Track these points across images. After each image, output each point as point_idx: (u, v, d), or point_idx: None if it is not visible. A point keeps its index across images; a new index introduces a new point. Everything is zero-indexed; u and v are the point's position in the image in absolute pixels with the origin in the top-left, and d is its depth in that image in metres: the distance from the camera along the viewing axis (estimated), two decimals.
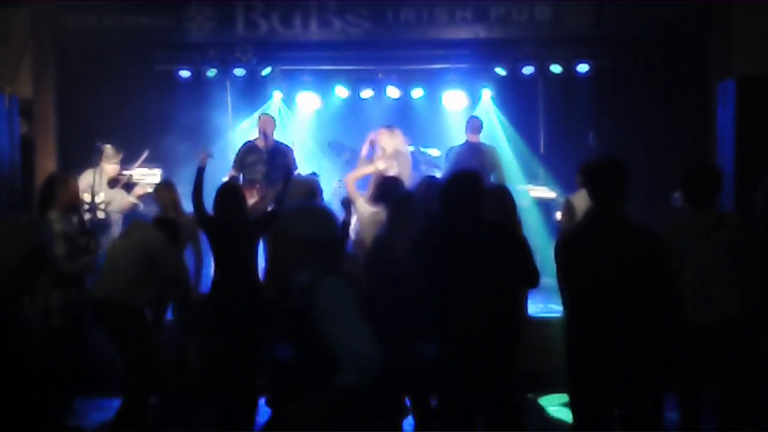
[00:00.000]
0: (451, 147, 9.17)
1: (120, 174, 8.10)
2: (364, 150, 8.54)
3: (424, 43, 9.39)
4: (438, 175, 8.32)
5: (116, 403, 5.97)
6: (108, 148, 7.96)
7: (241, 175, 8.44)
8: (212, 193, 6.12)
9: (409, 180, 8.27)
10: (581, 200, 6.45)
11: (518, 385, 5.13)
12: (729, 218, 4.98)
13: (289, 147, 8.62)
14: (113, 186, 8.04)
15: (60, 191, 6.12)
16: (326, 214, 3.27)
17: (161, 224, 6.15)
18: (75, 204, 6.36)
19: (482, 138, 9.34)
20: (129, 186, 8.16)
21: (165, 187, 7.29)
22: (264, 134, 8.43)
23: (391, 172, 8.36)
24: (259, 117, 8.73)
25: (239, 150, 8.65)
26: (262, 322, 5.85)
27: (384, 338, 5.12)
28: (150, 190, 7.95)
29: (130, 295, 5.78)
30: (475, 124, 9.19)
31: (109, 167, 8.02)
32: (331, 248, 3.20)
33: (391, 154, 8.51)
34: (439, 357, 4.37)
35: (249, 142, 8.70)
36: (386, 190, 6.05)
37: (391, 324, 5.15)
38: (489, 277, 4.23)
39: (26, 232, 3.15)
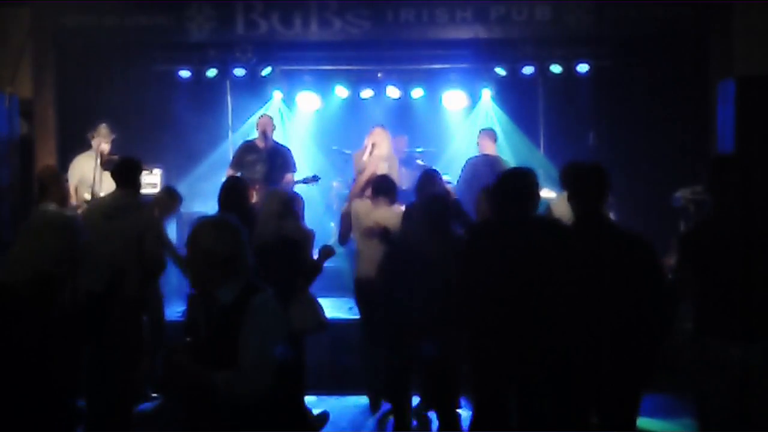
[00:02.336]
0: (468, 158, 8.81)
1: (111, 154, 7.66)
2: (366, 155, 8.53)
3: (424, 43, 9.39)
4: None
5: None
6: (103, 127, 7.79)
7: (239, 175, 8.42)
8: (213, 191, 6.11)
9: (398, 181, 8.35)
10: (562, 206, 6.26)
11: None
12: None
13: (288, 148, 8.62)
14: (108, 168, 7.88)
15: (53, 185, 6.08)
16: (231, 227, 3.19)
17: (116, 166, 5.83)
18: (66, 198, 6.31)
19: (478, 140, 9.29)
20: None
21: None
22: (264, 135, 8.43)
23: (382, 165, 8.43)
24: (259, 118, 8.73)
25: (238, 149, 8.64)
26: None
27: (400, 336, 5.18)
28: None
29: (132, 284, 5.48)
30: (491, 136, 8.72)
31: (104, 146, 7.72)
32: (239, 264, 3.13)
33: (387, 154, 8.54)
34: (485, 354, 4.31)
35: (248, 141, 8.69)
36: (383, 186, 6.35)
37: (408, 323, 5.19)
38: (537, 274, 4.12)
39: (69, 228, 3.19)
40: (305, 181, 8.43)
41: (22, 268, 3.11)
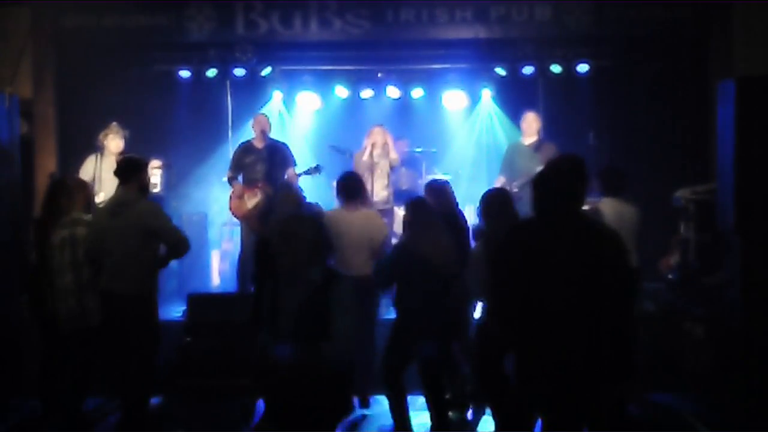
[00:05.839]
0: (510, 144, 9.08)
1: (123, 153, 7.68)
2: (366, 155, 8.54)
3: (424, 43, 9.39)
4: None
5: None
6: (114, 125, 7.81)
7: (240, 176, 8.41)
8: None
9: (391, 174, 8.44)
10: (607, 207, 6.22)
11: None
12: None
13: (285, 144, 8.58)
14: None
15: (78, 194, 6.09)
16: (319, 220, 4.24)
17: (118, 164, 5.88)
18: (90, 202, 6.32)
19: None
20: None
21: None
22: (261, 134, 8.39)
23: (383, 164, 8.49)
24: (254, 117, 8.66)
25: (235, 151, 8.58)
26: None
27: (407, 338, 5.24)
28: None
29: (146, 283, 5.57)
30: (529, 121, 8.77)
31: (113, 144, 7.77)
32: (324, 248, 4.11)
33: (387, 151, 8.60)
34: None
35: (244, 142, 8.61)
36: (348, 189, 6.12)
37: (417, 325, 5.21)
38: (582, 276, 3.72)
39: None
40: (308, 172, 8.38)
41: None
